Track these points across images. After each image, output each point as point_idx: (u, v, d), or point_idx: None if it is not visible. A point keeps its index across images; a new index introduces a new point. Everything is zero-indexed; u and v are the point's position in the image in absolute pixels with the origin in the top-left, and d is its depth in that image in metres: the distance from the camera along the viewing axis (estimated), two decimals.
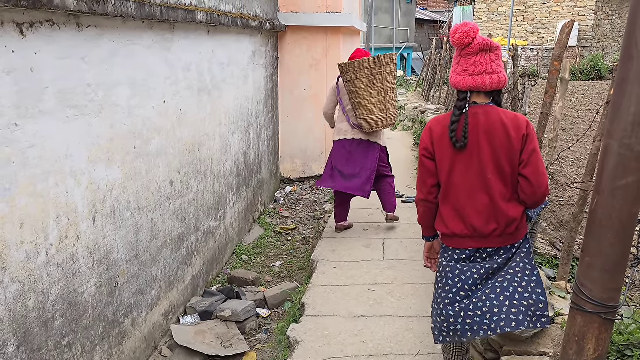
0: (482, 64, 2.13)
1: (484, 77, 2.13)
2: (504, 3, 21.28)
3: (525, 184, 2.15)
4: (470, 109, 2.18)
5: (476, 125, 2.16)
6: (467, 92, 2.18)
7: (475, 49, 2.12)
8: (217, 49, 5.12)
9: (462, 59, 2.17)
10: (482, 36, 2.15)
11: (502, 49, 2.25)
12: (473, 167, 2.19)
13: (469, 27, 2.13)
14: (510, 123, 2.15)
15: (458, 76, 2.19)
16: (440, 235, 2.39)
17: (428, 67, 12.73)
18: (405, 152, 8.12)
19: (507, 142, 2.13)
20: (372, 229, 4.76)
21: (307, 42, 7.46)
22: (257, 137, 6.68)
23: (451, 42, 2.16)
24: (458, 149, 2.17)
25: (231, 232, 5.79)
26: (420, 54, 30.07)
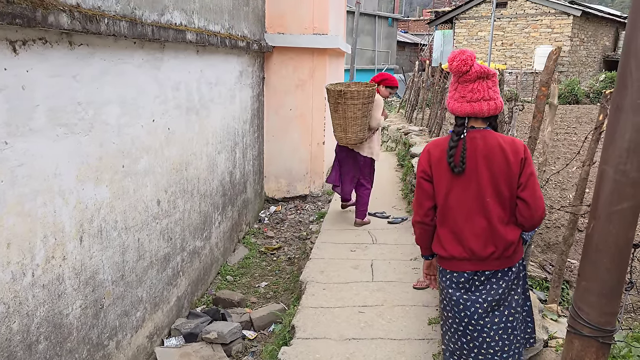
0: (480, 91, 2.16)
1: (481, 103, 2.17)
2: (483, 28, 21.76)
3: (523, 206, 2.18)
4: (468, 133, 2.21)
5: (474, 150, 2.18)
6: (464, 117, 2.22)
7: (473, 76, 2.15)
8: (205, 68, 5.12)
9: (460, 85, 2.20)
10: (479, 64, 2.19)
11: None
12: (471, 191, 2.21)
13: (467, 55, 2.15)
14: (509, 147, 2.17)
15: (456, 102, 2.21)
16: (437, 257, 2.40)
17: (411, 89, 12.91)
18: (389, 172, 8.17)
19: (506, 166, 2.15)
20: (359, 250, 4.76)
21: (294, 62, 7.52)
22: (243, 157, 6.66)
23: (449, 69, 2.19)
24: (456, 174, 2.20)
25: (216, 252, 5.73)
26: (402, 75, 30.48)
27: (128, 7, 3.47)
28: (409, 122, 11.62)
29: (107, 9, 3.20)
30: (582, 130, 11.19)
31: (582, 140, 9.89)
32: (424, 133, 9.29)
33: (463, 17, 22.26)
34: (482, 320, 2.24)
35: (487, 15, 21.40)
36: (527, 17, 20.62)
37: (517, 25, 20.89)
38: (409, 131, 9.46)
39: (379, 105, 5.63)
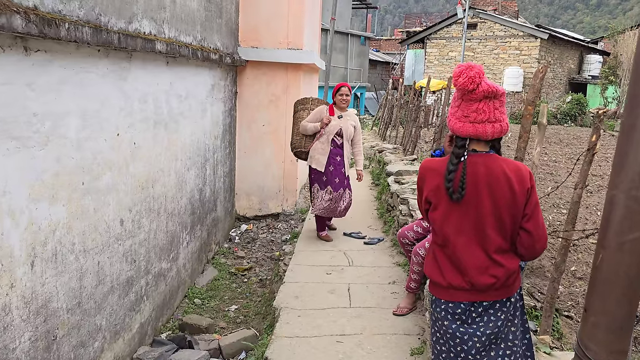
0: (485, 112, 1.97)
1: (485, 125, 1.98)
2: (453, 48, 22.07)
3: (526, 237, 2.02)
4: (468, 157, 2.02)
5: (475, 176, 2.00)
6: (466, 138, 2.03)
7: (479, 95, 1.96)
8: (175, 80, 4.89)
9: (464, 103, 2.01)
10: (487, 81, 2.00)
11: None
12: (470, 220, 2.03)
13: (475, 71, 1.95)
14: (514, 175, 1.99)
15: (458, 121, 2.02)
16: (429, 282, 2.20)
17: (384, 106, 12.87)
18: (364, 191, 8.01)
19: (511, 196, 1.98)
20: (335, 273, 4.54)
21: (267, 77, 7.34)
22: (214, 173, 6.41)
23: (453, 84, 2.01)
24: (454, 200, 2.02)
25: (184, 273, 5.44)
26: (374, 93, 30.67)
27: (93, 13, 3.23)
28: (383, 140, 11.54)
29: (68, 13, 2.96)
30: (552, 150, 11.30)
31: (553, 160, 9.96)
32: (398, 151, 9.20)
33: (434, 37, 22.55)
34: (480, 355, 2.05)
35: (458, 36, 21.73)
36: (496, 39, 21.01)
37: (487, 46, 21.26)
38: (383, 149, 9.36)
39: (312, 114, 5.64)
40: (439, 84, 17.93)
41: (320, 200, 5.55)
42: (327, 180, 5.56)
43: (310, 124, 5.60)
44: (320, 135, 5.54)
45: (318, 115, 5.61)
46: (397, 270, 4.62)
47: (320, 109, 5.65)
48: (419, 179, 2.19)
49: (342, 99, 5.55)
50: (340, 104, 5.58)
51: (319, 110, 5.64)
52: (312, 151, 5.60)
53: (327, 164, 5.51)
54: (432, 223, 2.13)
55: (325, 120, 5.50)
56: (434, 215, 2.10)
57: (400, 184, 6.07)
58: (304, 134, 5.69)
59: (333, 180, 5.56)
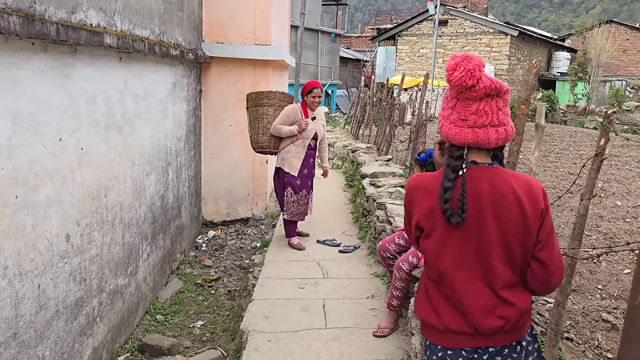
0: (487, 114, 1.61)
1: (488, 130, 1.61)
2: (424, 45, 21.96)
3: (539, 269, 1.66)
4: (468, 170, 1.64)
5: (478, 195, 1.63)
6: (463, 147, 1.65)
7: (480, 93, 1.60)
8: (130, 78, 4.45)
9: (460, 103, 1.63)
10: (488, 76, 1.63)
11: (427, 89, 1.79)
12: (471, 249, 1.65)
13: (474, 63, 1.59)
14: (525, 194, 1.63)
15: (453, 126, 1.65)
16: (422, 324, 1.83)
17: (357, 104, 12.56)
18: (337, 193, 7.67)
19: (522, 220, 1.62)
20: (309, 287, 4.18)
21: (234, 75, 6.92)
22: (177, 178, 5.97)
23: (447, 79, 1.63)
24: (453, 225, 1.64)
25: (144, 288, 5.01)
26: (345, 91, 30.41)
27: (24, 0, 2.79)
28: (356, 139, 11.24)
29: None
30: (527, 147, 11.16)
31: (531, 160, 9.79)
32: (372, 151, 8.89)
33: (405, 34, 22.38)
34: None
35: (429, 33, 21.61)
36: (467, 35, 20.96)
37: (458, 43, 21.19)
38: (357, 148, 9.04)
39: (284, 114, 5.28)
40: (411, 81, 17.74)
41: (294, 205, 5.29)
42: (301, 184, 5.29)
43: (284, 127, 5.24)
44: (296, 139, 5.20)
45: (292, 118, 5.25)
46: (376, 282, 4.30)
47: (293, 109, 5.29)
48: (406, 200, 1.80)
49: (315, 101, 5.24)
50: (312, 106, 5.27)
51: (292, 112, 5.27)
52: (284, 154, 5.26)
53: (302, 167, 5.22)
54: (425, 254, 1.77)
55: (303, 125, 5.18)
56: (427, 244, 1.72)
57: (376, 187, 5.75)
58: (275, 135, 5.31)
59: (307, 184, 5.33)
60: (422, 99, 6.16)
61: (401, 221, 4.28)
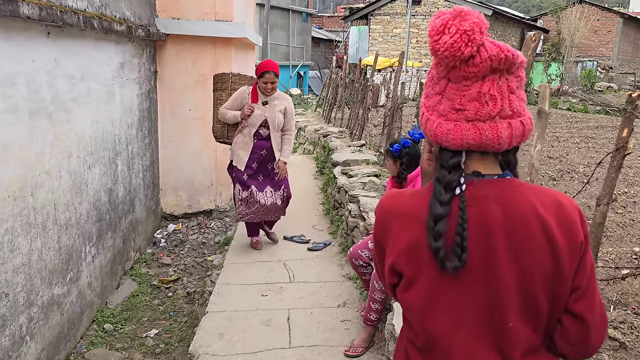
0: (495, 99, 1.07)
1: (497, 124, 1.08)
2: (398, 25, 21.42)
3: (575, 326, 1.13)
4: (469, 187, 1.11)
5: (485, 223, 1.09)
6: (460, 151, 1.11)
7: (483, 67, 1.05)
8: (63, 57, 3.84)
9: (453, 85, 1.09)
10: (493, 41, 1.07)
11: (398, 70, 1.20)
12: (475, 303, 1.11)
13: (471, 21, 1.04)
14: (554, 218, 1.09)
15: (444, 121, 1.11)
16: None
17: (328, 86, 12.01)
18: (308, 181, 7.17)
19: (551, 257, 1.08)
20: (272, 294, 3.69)
21: (192, 54, 6.31)
22: (129, 169, 5.38)
23: (431, 49, 1.08)
24: (450, 270, 1.08)
25: (89, 295, 4.45)
26: (317, 72, 29.76)
27: None
28: (328, 123, 10.72)
29: None
30: None
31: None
32: (345, 135, 8.40)
33: (378, 13, 21.79)
34: None
35: (402, 12, 21.07)
36: None
37: None
38: (328, 133, 8.54)
39: (232, 98, 4.70)
40: (385, 62, 17.24)
41: (243, 204, 4.64)
42: (249, 179, 4.66)
43: (229, 112, 4.65)
44: (242, 127, 4.61)
45: (239, 101, 4.64)
46: (348, 286, 3.84)
47: (241, 92, 4.66)
48: (377, 229, 1.23)
49: (267, 87, 4.52)
50: (263, 91, 4.58)
51: (240, 94, 4.66)
52: (233, 145, 4.71)
53: (250, 160, 4.61)
54: (406, 310, 1.20)
55: (246, 111, 4.53)
56: (409, 296, 1.15)
57: (348, 177, 5.27)
58: (224, 122, 4.78)
59: (257, 179, 4.68)
60: (397, 80, 5.68)
61: None
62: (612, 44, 26.65)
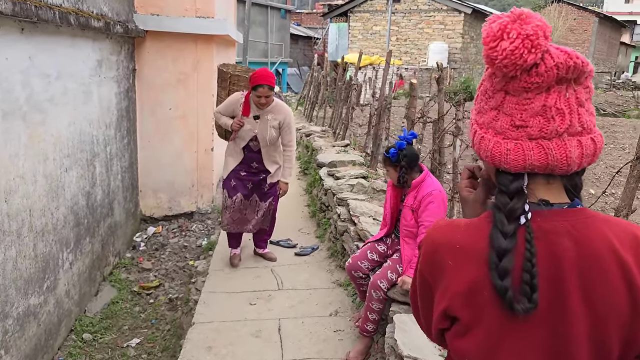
0: (562, 114, 0.94)
1: (565, 142, 0.95)
2: (377, 22, 21.38)
3: None
4: (536, 218, 0.96)
5: (555, 261, 0.95)
6: (522, 174, 0.98)
7: (549, 77, 0.93)
8: (38, 54, 3.64)
9: (512, 98, 0.97)
10: (559, 47, 0.95)
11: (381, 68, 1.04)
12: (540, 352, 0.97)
13: (533, 25, 0.92)
14: (632, 255, 0.96)
15: (502, 139, 0.98)
16: None
17: (310, 84, 11.87)
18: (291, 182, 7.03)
19: (630, 301, 0.95)
20: (261, 302, 3.56)
21: (173, 51, 6.11)
22: (107, 171, 5.18)
23: (487, 57, 0.95)
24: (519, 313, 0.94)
25: (67, 303, 4.26)
26: (296, 69, 29.57)
27: None
28: (309, 121, 10.59)
29: None
30: None
31: None
32: (328, 134, 8.29)
33: (357, 10, 21.71)
34: None
35: (382, 10, 21.04)
36: (420, 12, 20.49)
37: (411, 20, 20.71)
38: (311, 132, 8.42)
39: (226, 102, 4.41)
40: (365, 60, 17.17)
41: (227, 212, 4.40)
42: (236, 185, 4.41)
43: (222, 117, 4.41)
44: (233, 137, 4.37)
45: (231, 109, 4.35)
46: (339, 293, 3.72)
47: (234, 99, 4.36)
48: (425, 264, 1.07)
49: (260, 101, 4.16)
50: (256, 104, 4.23)
51: (232, 102, 4.35)
52: (225, 150, 4.51)
53: (239, 168, 4.40)
54: (460, 358, 1.03)
55: (235, 126, 4.25)
56: (466, 344, 1.00)
57: (335, 178, 5.16)
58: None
59: (245, 187, 4.43)
60: (385, 78, 5.59)
61: (367, 222, 3.71)
62: (588, 43, 27.07)
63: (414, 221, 2.81)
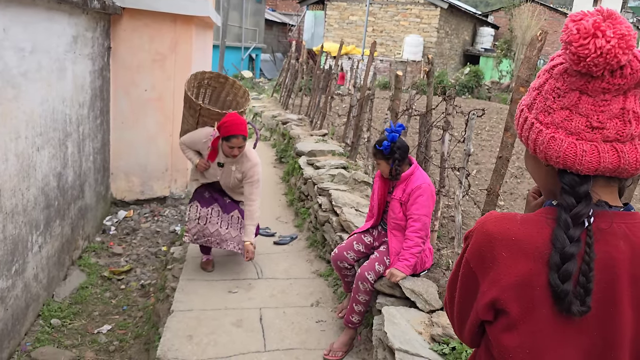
0: (638, 118, 0.94)
1: (636, 146, 0.95)
2: (354, 12, 21.30)
3: None
4: (597, 219, 0.96)
5: (609, 263, 0.95)
6: (589, 177, 0.96)
7: (631, 80, 0.92)
8: (12, 26, 3.45)
9: (588, 99, 0.94)
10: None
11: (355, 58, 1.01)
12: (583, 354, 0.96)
13: (625, 24, 0.91)
14: None
15: (576, 140, 0.95)
16: None
17: (287, 71, 11.74)
18: (267, 170, 6.95)
19: None
20: (242, 291, 3.50)
21: (150, 31, 5.92)
22: (79, 151, 5.00)
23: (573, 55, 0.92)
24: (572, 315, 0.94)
25: (35, 287, 4.10)
26: (270, 55, 29.24)
27: None
28: (285, 109, 10.49)
29: None
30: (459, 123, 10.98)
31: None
32: (305, 123, 8.22)
33: None
34: None
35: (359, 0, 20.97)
36: (397, 4, 20.50)
37: (388, 12, 20.69)
38: (288, 120, 8.33)
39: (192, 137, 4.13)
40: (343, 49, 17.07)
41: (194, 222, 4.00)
42: (210, 197, 4.09)
43: (188, 151, 4.15)
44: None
45: (198, 146, 4.06)
46: (319, 283, 3.69)
47: (200, 136, 4.03)
48: (475, 254, 1.05)
49: (232, 153, 3.77)
50: (227, 154, 3.86)
51: (200, 139, 4.02)
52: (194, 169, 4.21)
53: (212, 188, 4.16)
54: (504, 353, 1.01)
55: (199, 168, 4.00)
56: (513, 339, 0.98)
57: (315, 168, 5.11)
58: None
59: (221, 199, 4.12)
60: (368, 69, 5.55)
61: (351, 213, 3.68)
62: (557, 44, 27.63)
63: (402, 214, 2.80)
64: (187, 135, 4.17)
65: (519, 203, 5.52)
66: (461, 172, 3.11)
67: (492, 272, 1.00)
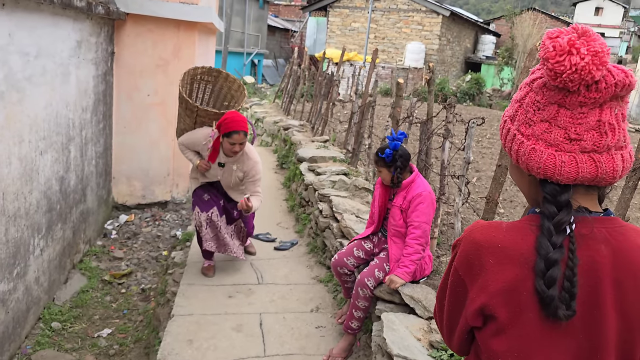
0: (614, 129, 0.98)
1: (613, 156, 0.99)
2: (356, 19, 21.39)
3: None
4: (578, 225, 1.00)
5: (592, 267, 0.99)
6: (569, 187, 1.01)
7: (607, 93, 0.96)
8: (18, 31, 3.49)
9: (566, 112, 0.98)
10: (617, 65, 0.98)
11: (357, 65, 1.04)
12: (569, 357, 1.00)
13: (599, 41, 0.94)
14: None
15: (555, 151, 0.99)
16: None
17: (289, 77, 11.78)
18: (268, 176, 6.97)
19: None
20: (241, 296, 3.51)
21: (154, 36, 5.97)
22: (82, 155, 5.03)
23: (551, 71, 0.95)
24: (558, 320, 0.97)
25: (36, 290, 4.12)
26: (272, 61, 29.35)
27: None
28: (287, 115, 10.52)
29: None
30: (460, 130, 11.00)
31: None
32: (306, 129, 8.25)
33: (337, 5, 21.66)
34: None
35: (361, 6, 21.05)
36: (399, 12, 20.58)
37: (390, 19, 20.78)
38: (289, 126, 8.36)
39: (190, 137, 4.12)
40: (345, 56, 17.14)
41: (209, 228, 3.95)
42: (210, 200, 4.05)
43: (187, 151, 4.13)
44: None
45: (198, 148, 4.04)
46: (319, 289, 3.71)
47: (200, 137, 4.01)
48: (463, 262, 1.08)
49: (233, 149, 3.76)
50: (226, 151, 3.84)
51: (199, 140, 4.00)
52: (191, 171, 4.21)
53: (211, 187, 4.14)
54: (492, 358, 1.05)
55: (201, 168, 3.98)
56: (501, 344, 1.02)
57: (316, 174, 5.13)
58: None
59: (219, 203, 4.09)
60: (370, 75, 5.58)
61: (351, 219, 3.70)
62: None
63: (402, 221, 2.81)
64: (186, 136, 4.16)
65: (518, 211, 5.52)
66: (461, 179, 3.13)
67: (480, 279, 1.04)
